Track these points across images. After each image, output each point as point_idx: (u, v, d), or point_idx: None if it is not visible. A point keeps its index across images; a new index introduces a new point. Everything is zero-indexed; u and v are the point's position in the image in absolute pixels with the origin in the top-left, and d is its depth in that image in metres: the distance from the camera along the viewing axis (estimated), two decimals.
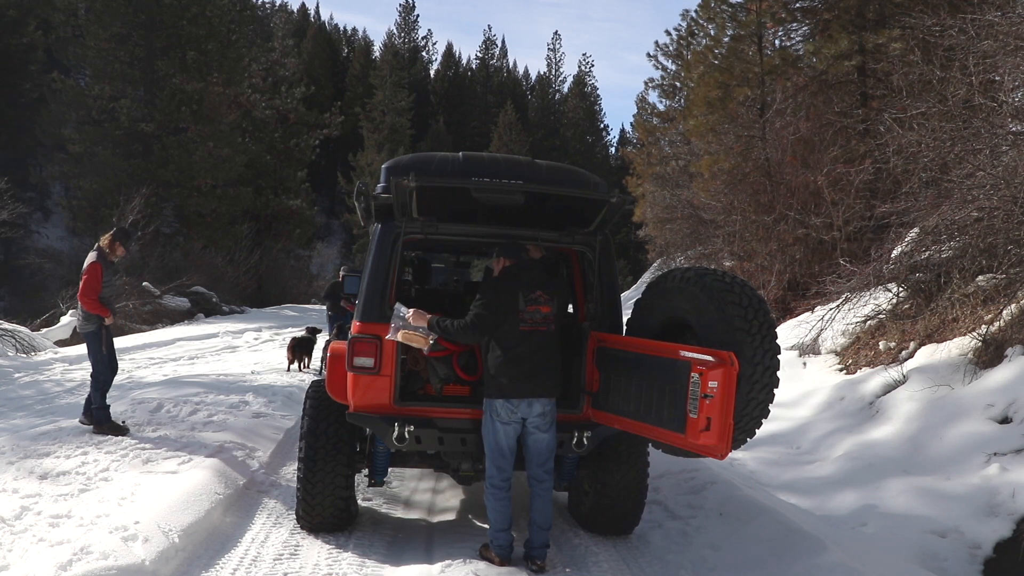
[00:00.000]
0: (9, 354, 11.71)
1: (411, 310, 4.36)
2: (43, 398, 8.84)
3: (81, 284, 6.59)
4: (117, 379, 10.10)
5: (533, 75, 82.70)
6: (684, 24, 25.20)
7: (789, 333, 10.97)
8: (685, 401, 3.81)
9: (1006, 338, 7.07)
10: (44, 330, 15.03)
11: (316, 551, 4.55)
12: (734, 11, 16.83)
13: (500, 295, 4.33)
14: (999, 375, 6.70)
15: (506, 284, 4.38)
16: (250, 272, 27.94)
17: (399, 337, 4.29)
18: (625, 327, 4.69)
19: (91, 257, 6.71)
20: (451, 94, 72.09)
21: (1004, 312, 7.39)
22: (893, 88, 10.73)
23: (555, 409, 4.42)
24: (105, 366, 6.74)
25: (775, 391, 3.89)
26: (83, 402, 6.89)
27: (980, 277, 8.12)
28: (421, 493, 6.11)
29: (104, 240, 6.79)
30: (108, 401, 6.76)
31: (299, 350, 11.35)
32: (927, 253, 8.86)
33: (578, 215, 4.68)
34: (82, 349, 8.05)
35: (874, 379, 8.24)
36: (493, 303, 4.31)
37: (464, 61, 79.59)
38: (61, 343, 14.38)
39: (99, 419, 6.61)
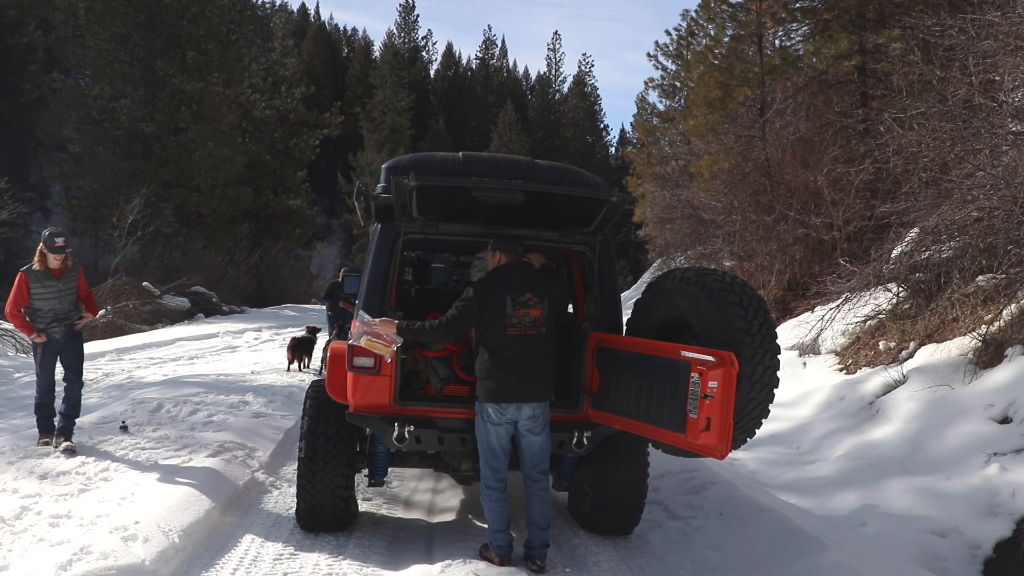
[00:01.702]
0: (9, 354, 11.73)
1: (377, 319, 4.27)
2: None
3: None
4: (117, 379, 10.19)
5: (533, 75, 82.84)
6: (684, 24, 25.21)
7: (789, 333, 10.97)
8: (685, 401, 3.81)
9: (1006, 338, 7.06)
10: None
11: (316, 551, 4.54)
12: (734, 11, 16.84)
13: (484, 298, 4.28)
14: (999, 375, 6.69)
15: (492, 286, 4.34)
16: (250, 272, 27.99)
17: (363, 342, 4.25)
18: (625, 327, 4.68)
19: None
20: (451, 94, 72.04)
21: (1004, 312, 7.39)
22: (893, 88, 10.73)
23: (548, 411, 4.40)
24: (41, 383, 6.14)
25: (775, 391, 3.89)
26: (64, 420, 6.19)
27: (980, 277, 8.11)
28: (421, 493, 6.11)
29: None
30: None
31: (299, 350, 11.35)
32: (927, 253, 8.85)
33: (578, 215, 4.67)
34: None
35: (874, 379, 8.24)
36: (473, 306, 4.27)
37: (464, 61, 79.69)
38: None
39: (39, 427, 6.17)
